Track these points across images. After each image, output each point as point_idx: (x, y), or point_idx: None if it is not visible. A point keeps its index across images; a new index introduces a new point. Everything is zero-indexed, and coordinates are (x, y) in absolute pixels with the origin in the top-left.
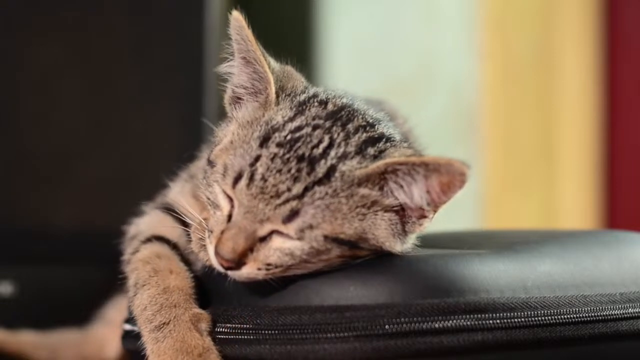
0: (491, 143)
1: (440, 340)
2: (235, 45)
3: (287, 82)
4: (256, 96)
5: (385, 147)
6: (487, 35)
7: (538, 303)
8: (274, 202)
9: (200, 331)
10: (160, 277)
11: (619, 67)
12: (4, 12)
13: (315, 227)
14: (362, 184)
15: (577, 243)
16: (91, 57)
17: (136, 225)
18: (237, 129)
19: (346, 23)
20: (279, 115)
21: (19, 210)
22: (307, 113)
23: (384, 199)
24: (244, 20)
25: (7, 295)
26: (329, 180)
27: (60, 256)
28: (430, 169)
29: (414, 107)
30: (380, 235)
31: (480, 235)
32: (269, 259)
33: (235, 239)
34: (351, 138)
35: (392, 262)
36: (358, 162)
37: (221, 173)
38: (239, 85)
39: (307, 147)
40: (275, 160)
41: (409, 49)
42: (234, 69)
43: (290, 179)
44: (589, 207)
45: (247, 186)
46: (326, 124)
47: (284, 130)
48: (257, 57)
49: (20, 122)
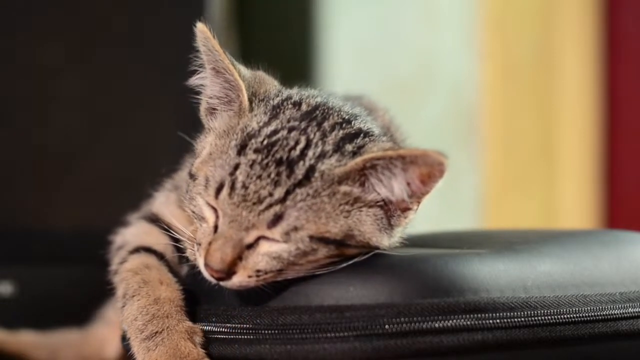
0: (491, 143)
1: (440, 340)
2: (203, 56)
3: (260, 87)
4: (230, 105)
5: (364, 142)
6: (487, 35)
7: (538, 303)
8: (257, 208)
9: (195, 343)
10: (151, 287)
11: (619, 67)
12: (4, 12)
13: (300, 229)
14: (343, 181)
15: (577, 243)
16: (91, 57)
17: (122, 236)
18: (215, 140)
19: (346, 23)
20: (254, 121)
21: (19, 210)
22: (282, 116)
23: (366, 195)
24: (208, 31)
25: (7, 295)
26: (309, 181)
27: (60, 256)
28: (407, 162)
29: (414, 107)
30: (366, 231)
31: (480, 235)
32: (258, 265)
33: (222, 249)
34: (328, 136)
35: (392, 262)
36: (337, 160)
37: (203, 185)
38: (212, 95)
39: (284, 150)
40: (254, 166)
41: (409, 49)
42: (205, 80)
43: (270, 184)
44: (589, 207)
45: (229, 195)
46: (301, 125)
47: (260, 136)
48: (226, 66)
49: (21, 122)
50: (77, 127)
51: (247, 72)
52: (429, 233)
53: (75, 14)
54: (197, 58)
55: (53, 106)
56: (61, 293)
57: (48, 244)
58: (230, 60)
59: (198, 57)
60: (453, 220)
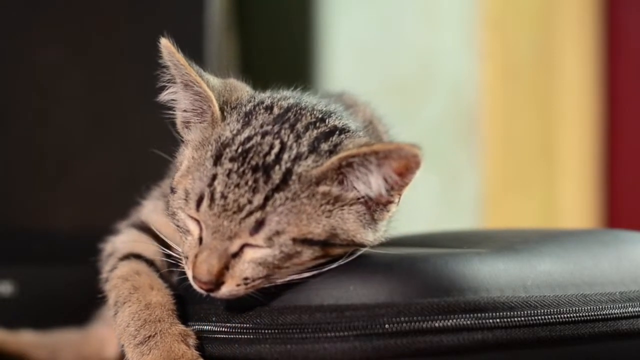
0: (491, 143)
1: (440, 340)
2: (170, 71)
3: (231, 95)
4: (203, 116)
5: (340, 139)
6: (487, 35)
7: (538, 302)
8: (237, 217)
9: (188, 344)
10: (141, 293)
11: (619, 67)
12: (4, 12)
13: (282, 233)
14: (321, 182)
15: (577, 242)
16: (91, 57)
17: (112, 244)
18: (192, 152)
19: (346, 23)
20: (227, 130)
21: (19, 210)
22: (255, 122)
23: (346, 193)
24: (172, 45)
25: (7, 295)
26: (286, 184)
27: (60, 256)
28: (381, 157)
29: (414, 107)
30: (349, 228)
31: (480, 234)
32: (245, 273)
33: (208, 260)
34: (302, 138)
35: (392, 261)
36: (313, 161)
37: (183, 199)
38: (185, 109)
39: (259, 156)
40: (231, 175)
41: (409, 49)
42: (175, 95)
43: (249, 191)
44: (589, 207)
45: (210, 207)
46: (275, 129)
47: (234, 144)
48: (194, 78)
49: (21, 122)
50: (77, 127)
51: (216, 81)
52: (429, 233)
53: (75, 14)
54: (164, 74)
55: (53, 106)
56: (61, 293)
57: (48, 244)
58: (197, 72)
59: (165, 73)
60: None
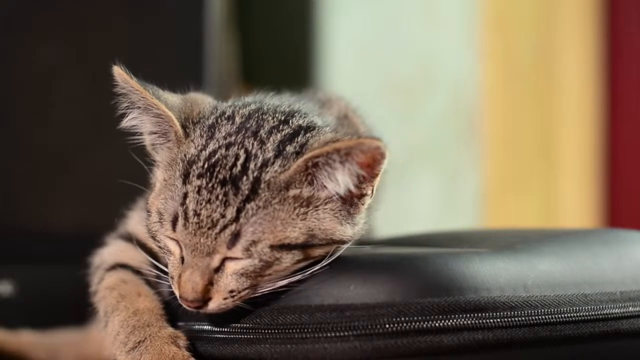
0: (491, 143)
1: (441, 339)
2: (128, 98)
3: (192, 110)
4: (167, 137)
5: (306, 138)
6: (487, 35)
7: (538, 302)
8: (213, 232)
9: (179, 346)
10: (128, 300)
11: (619, 67)
12: (4, 12)
13: (258, 242)
14: (290, 185)
15: (578, 242)
16: (91, 57)
17: (99, 256)
18: (163, 173)
19: (346, 23)
20: (192, 147)
21: (19, 210)
22: (218, 134)
23: (318, 193)
24: (124, 72)
25: (7, 295)
26: (256, 194)
27: (60, 256)
28: (344, 154)
29: (414, 107)
30: (327, 227)
31: (480, 234)
32: (230, 286)
33: (191, 278)
34: (266, 143)
35: (393, 261)
36: (280, 165)
37: (158, 221)
38: (149, 132)
39: (225, 169)
40: (201, 192)
41: (409, 49)
42: (137, 120)
43: (221, 206)
44: (589, 206)
45: (185, 226)
46: (238, 139)
47: (200, 160)
48: (150, 102)
49: (20, 122)
50: (77, 127)
51: (176, 98)
52: (429, 232)
53: (75, 13)
54: (122, 101)
55: (53, 106)
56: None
57: (48, 244)
58: (154, 94)
59: (123, 100)
60: (453, 219)
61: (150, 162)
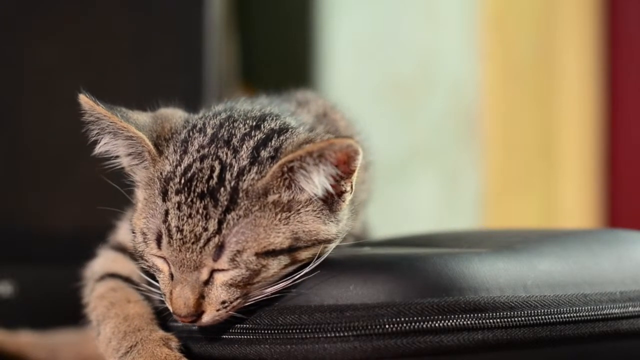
0: (491, 143)
1: (441, 340)
2: (97, 125)
3: (164, 128)
4: (142, 157)
5: (280, 141)
6: (487, 35)
7: (538, 302)
8: (197, 246)
9: (171, 347)
10: (119, 307)
11: (619, 67)
12: (4, 12)
13: (243, 251)
14: (269, 192)
15: (577, 242)
16: (91, 57)
17: (90, 268)
18: (143, 193)
19: (346, 23)
20: (167, 164)
21: (18, 210)
22: (191, 148)
23: (298, 196)
24: (90, 100)
25: (7, 295)
26: (236, 204)
27: (60, 256)
28: (316, 156)
29: (414, 107)
30: (311, 229)
31: (480, 234)
32: (221, 297)
33: (182, 294)
34: (240, 151)
35: (392, 261)
36: (256, 172)
37: (142, 241)
38: (124, 154)
39: (202, 182)
40: (181, 208)
41: (409, 49)
42: (109, 145)
43: (202, 219)
44: (589, 206)
45: (169, 243)
46: (211, 150)
47: (177, 176)
48: (120, 126)
49: (20, 122)
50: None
51: (146, 117)
52: (429, 232)
53: (75, 13)
54: (92, 129)
55: (53, 106)
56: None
57: (48, 244)
58: (122, 117)
59: (93, 127)
60: (453, 220)
61: (130, 183)
